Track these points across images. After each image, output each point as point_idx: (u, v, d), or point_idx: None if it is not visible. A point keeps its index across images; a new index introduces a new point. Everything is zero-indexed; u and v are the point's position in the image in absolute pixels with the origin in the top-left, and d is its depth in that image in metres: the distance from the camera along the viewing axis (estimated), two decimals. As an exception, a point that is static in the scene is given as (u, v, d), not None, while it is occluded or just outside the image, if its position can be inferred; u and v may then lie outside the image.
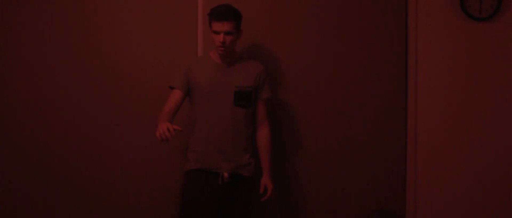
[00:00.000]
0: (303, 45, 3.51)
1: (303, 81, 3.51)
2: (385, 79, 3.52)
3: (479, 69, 3.49)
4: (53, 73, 3.44)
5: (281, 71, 3.50)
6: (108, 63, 3.45)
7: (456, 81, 3.50)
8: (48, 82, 3.44)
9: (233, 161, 3.10)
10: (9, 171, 3.44)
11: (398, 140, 3.53)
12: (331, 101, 3.52)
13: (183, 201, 3.11)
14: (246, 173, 3.15)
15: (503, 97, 3.48)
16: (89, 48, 3.45)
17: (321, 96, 3.52)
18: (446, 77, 3.50)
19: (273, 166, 3.27)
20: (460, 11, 3.48)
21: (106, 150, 3.46)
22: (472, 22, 3.49)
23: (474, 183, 3.50)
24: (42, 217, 3.44)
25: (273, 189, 3.19)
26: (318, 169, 3.53)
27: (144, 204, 3.47)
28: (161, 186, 3.46)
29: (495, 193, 3.49)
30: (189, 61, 3.17)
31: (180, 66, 3.15)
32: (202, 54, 3.41)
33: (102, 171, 3.46)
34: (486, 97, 3.49)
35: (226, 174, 3.08)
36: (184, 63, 3.16)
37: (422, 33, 3.50)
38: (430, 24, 3.50)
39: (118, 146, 3.46)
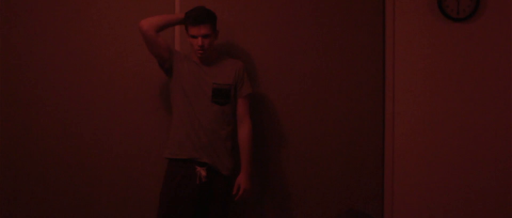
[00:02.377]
0: (281, 44, 3.51)
1: (279, 80, 3.51)
2: (363, 80, 3.53)
3: (456, 69, 3.49)
4: (42, 73, 3.47)
5: (258, 70, 3.50)
6: (87, 62, 3.48)
7: (433, 81, 3.50)
8: (35, 81, 3.47)
9: (210, 156, 3.12)
10: (7, 170, 3.47)
11: (376, 140, 3.54)
12: (308, 101, 3.53)
13: (161, 198, 3.13)
14: (224, 172, 3.17)
15: (481, 97, 3.48)
16: (69, 48, 3.47)
17: (298, 96, 3.52)
18: (424, 78, 3.51)
19: (253, 165, 3.27)
20: (438, 11, 3.48)
21: (97, 148, 3.49)
22: (450, 23, 3.49)
23: (451, 184, 3.51)
24: (40, 217, 3.48)
25: (247, 189, 3.19)
26: (296, 168, 3.54)
27: (137, 202, 3.50)
28: (154, 184, 3.48)
29: (472, 193, 3.50)
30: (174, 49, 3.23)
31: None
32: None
33: (96, 170, 3.49)
34: (463, 98, 3.49)
35: (204, 173, 3.10)
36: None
37: (399, 34, 3.50)
38: (408, 24, 3.50)
39: (107, 145, 3.49)
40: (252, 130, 3.24)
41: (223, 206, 3.19)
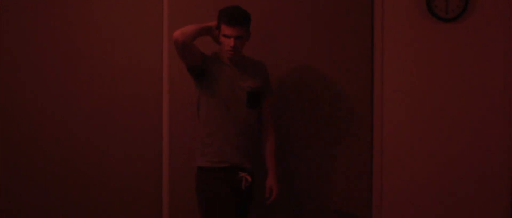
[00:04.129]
0: (267, 44, 3.52)
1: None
2: (351, 80, 3.53)
3: (445, 69, 3.49)
4: (40, 73, 3.49)
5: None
6: (84, 62, 3.50)
7: (422, 81, 3.50)
8: (33, 81, 3.50)
9: (250, 161, 3.09)
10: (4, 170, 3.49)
11: (364, 140, 3.54)
12: (296, 100, 3.53)
13: (207, 198, 3.01)
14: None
15: (469, 97, 3.48)
16: (67, 49, 3.49)
17: (286, 95, 3.53)
18: (412, 78, 3.50)
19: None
20: (427, 11, 3.48)
21: (94, 148, 3.51)
22: (439, 23, 3.49)
23: (440, 184, 3.50)
24: (37, 216, 3.50)
25: (278, 192, 3.17)
26: (282, 168, 3.53)
27: (131, 202, 3.52)
28: (147, 184, 3.51)
29: (461, 193, 3.50)
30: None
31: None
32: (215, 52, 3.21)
33: (93, 170, 3.52)
34: (452, 97, 3.49)
35: (249, 178, 3.06)
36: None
37: (388, 34, 3.50)
38: (396, 25, 3.50)
39: (106, 145, 3.51)
40: (275, 131, 3.23)
41: (251, 201, 3.18)
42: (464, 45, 3.48)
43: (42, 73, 3.49)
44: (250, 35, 3.09)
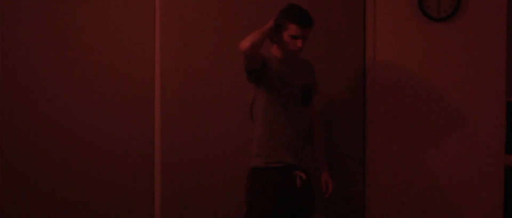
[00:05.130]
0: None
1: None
2: (343, 79, 3.53)
3: (437, 69, 3.49)
4: (39, 73, 3.51)
5: (238, 70, 3.52)
6: (80, 63, 3.52)
7: (414, 81, 3.50)
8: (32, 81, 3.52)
9: (303, 159, 3.10)
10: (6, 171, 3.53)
11: (356, 139, 3.55)
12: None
13: (263, 198, 3.00)
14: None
15: (461, 96, 3.48)
16: (64, 49, 3.51)
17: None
18: (405, 77, 3.51)
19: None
20: (419, 11, 3.48)
21: (92, 148, 3.54)
22: (431, 23, 3.49)
23: (432, 183, 3.51)
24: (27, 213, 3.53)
25: (333, 185, 3.22)
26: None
27: (123, 200, 3.54)
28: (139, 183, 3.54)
29: (454, 193, 3.51)
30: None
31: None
32: None
33: (81, 168, 3.54)
34: (444, 97, 3.49)
35: (304, 176, 3.07)
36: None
37: (380, 34, 3.50)
38: (388, 25, 3.50)
39: (105, 144, 3.53)
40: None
41: (313, 200, 3.18)
42: (456, 45, 3.48)
43: (32, 72, 3.50)
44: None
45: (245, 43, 2.85)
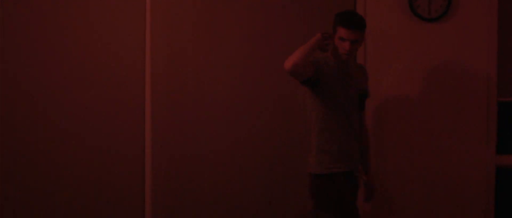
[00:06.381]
0: (251, 43, 3.55)
1: (249, 80, 3.55)
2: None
3: (427, 69, 3.49)
4: (38, 73, 3.53)
5: (228, 69, 3.54)
6: (77, 63, 3.54)
7: (405, 81, 3.50)
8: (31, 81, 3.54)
9: (359, 163, 3.12)
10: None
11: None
12: (277, 102, 3.55)
13: (331, 205, 2.99)
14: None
15: (451, 96, 3.48)
16: (63, 49, 3.53)
17: (268, 95, 3.55)
18: (395, 78, 3.51)
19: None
20: (409, 11, 3.49)
21: (89, 147, 3.55)
22: (422, 23, 3.49)
23: (423, 181, 3.50)
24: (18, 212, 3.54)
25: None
26: (267, 167, 3.56)
27: (114, 199, 3.56)
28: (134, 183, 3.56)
29: (445, 191, 3.51)
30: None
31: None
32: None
33: (72, 167, 3.55)
34: (434, 97, 3.49)
35: (365, 177, 3.14)
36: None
37: (370, 34, 3.50)
38: (379, 25, 3.51)
39: (105, 144, 3.55)
40: None
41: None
42: (446, 45, 3.48)
43: (22, 71, 3.51)
44: (363, 41, 3.07)
45: (288, 63, 2.80)
